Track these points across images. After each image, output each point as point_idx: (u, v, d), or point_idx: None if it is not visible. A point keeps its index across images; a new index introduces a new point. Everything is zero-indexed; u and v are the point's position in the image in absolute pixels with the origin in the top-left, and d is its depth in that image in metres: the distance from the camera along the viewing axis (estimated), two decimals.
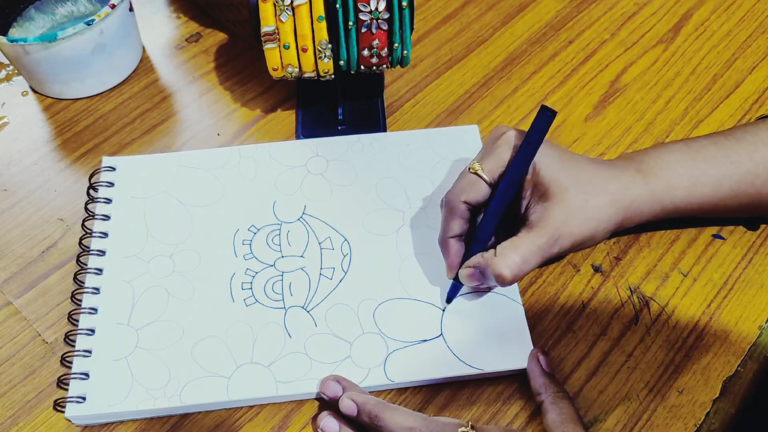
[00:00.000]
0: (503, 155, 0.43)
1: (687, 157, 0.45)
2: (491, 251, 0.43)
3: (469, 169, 0.44)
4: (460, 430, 0.39)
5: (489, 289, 0.47)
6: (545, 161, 0.43)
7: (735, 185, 0.45)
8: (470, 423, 0.39)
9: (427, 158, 0.53)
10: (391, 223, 0.50)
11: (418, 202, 0.51)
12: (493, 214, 0.44)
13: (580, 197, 0.42)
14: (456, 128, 0.55)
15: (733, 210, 0.47)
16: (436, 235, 0.49)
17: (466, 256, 0.45)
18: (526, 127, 0.44)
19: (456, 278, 0.45)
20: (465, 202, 0.44)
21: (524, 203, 0.44)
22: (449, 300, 0.46)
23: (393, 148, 0.54)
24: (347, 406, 0.41)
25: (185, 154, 0.54)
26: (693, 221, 0.49)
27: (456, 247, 0.45)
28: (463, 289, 0.46)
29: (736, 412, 0.43)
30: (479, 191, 0.44)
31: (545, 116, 0.42)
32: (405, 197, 0.51)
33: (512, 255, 0.41)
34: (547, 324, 0.46)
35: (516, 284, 0.47)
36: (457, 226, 0.45)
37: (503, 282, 0.42)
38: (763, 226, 0.50)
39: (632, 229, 0.48)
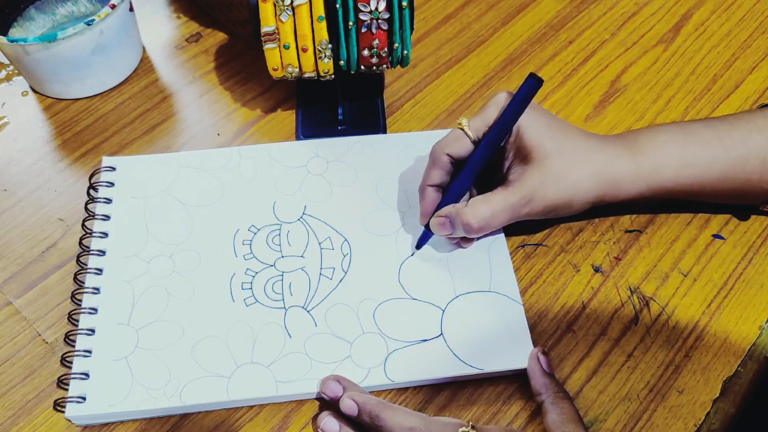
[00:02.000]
0: (490, 115, 0.45)
1: (679, 138, 0.45)
2: (463, 202, 0.45)
3: (458, 124, 0.46)
4: (460, 430, 0.39)
5: (459, 244, 0.48)
6: (531, 126, 0.44)
7: (725, 169, 0.45)
8: (470, 423, 0.39)
9: (427, 159, 0.53)
10: (391, 223, 0.50)
11: (418, 202, 0.51)
12: (470, 169, 0.45)
13: (560, 164, 0.43)
14: None
15: (721, 194, 0.47)
16: (436, 235, 0.49)
17: (440, 206, 0.46)
18: None
19: (427, 226, 0.47)
20: (448, 155, 0.45)
21: (506, 164, 0.46)
22: (418, 246, 0.48)
23: (393, 150, 0.54)
24: (348, 406, 0.41)
25: (185, 155, 0.54)
26: (687, 207, 0.50)
27: (432, 196, 0.46)
28: (465, 288, 0.46)
29: (736, 412, 0.43)
30: (462, 146, 0.45)
31: (530, 83, 0.43)
32: (405, 198, 0.51)
33: (482, 207, 0.43)
34: (547, 324, 0.46)
35: (516, 284, 0.47)
36: (437, 176, 0.46)
37: (469, 231, 0.44)
38: (762, 228, 0.50)
39: (614, 214, 0.49)
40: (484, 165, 0.45)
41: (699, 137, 0.45)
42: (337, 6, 0.47)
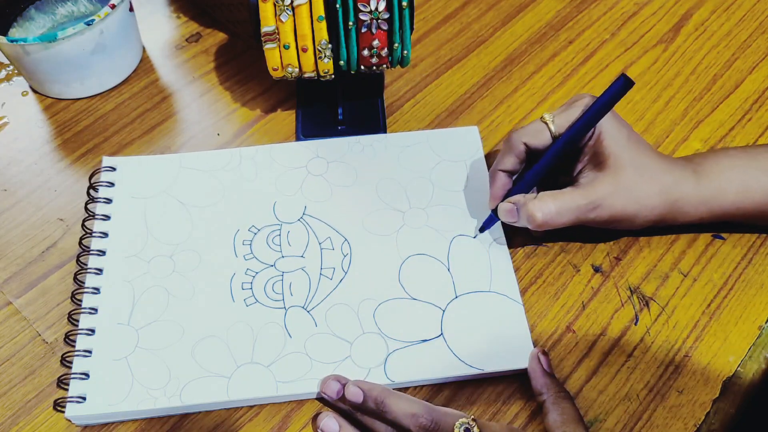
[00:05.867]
0: (574, 114, 0.45)
1: (742, 163, 0.46)
2: (532, 194, 0.45)
3: (541, 118, 0.46)
4: (460, 420, 0.39)
5: (519, 232, 0.49)
6: (614, 134, 0.44)
7: None
8: (472, 416, 0.39)
9: (427, 159, 0.53)
10: (391, 223, 0.50)
11: (418, 202, 0.51)
12: (545, 162, 0.46)
13: (633, 178, 0.44)
14: (456, 129, 0.55)
15: None
16: (436, 235, 0.49)
17: (510, 193, 0.47)
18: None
19: (494, 211, 0.47)
20: (525, 144, 0.46)
21: (579, 167, 0.46)
22: (482, 230, 0.49)
23: (393, 149, 0.54)
24: (353, 392, 0.41)
25: (186, 156, 0.54)
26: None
27: (503, 180, 0.47)
28: (465, 288, 0.46)
29: (736, 412, 0.43)
30: (542, 138, 0.46)
31: (620, 82, 0.43)
32: (405, 197, 0.51)
33: (549, 202, 0.44)
34: (547, 324, 0.46)
35: (516, 284, 0.47)
36: (510, 162, 0.47)
37: (533, 222, 0.44)
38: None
39: (675, 229, 0.49)
40: (560, 160, 0.45)
41: (762, 162, 0.46)
42: (337, 6, 0.47)
